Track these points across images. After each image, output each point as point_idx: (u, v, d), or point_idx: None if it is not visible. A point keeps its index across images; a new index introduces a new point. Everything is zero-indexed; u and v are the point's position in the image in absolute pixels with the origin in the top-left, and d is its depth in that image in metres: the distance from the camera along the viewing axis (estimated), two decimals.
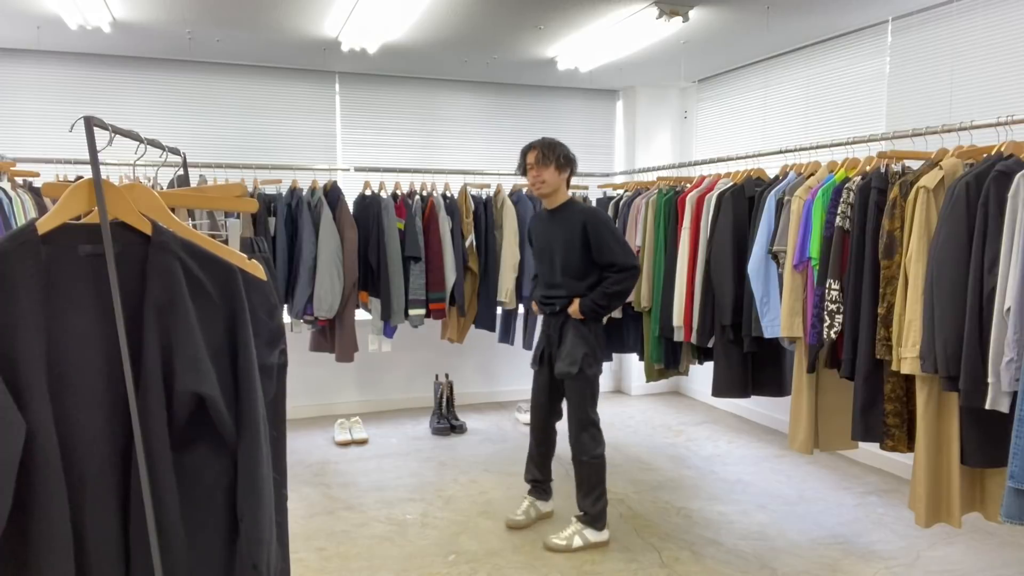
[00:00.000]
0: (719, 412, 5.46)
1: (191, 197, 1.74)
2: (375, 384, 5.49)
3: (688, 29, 4.23)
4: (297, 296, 4.33)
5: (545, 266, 3.23)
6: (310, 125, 5.26)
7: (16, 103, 4.63)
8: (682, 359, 4.01)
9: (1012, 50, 3.44)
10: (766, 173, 3.65)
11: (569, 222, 3.13)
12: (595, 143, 6.00)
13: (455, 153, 5.59)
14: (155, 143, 2.79)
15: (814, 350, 2.97)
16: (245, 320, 1.28)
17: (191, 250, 1.26)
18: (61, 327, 1.19)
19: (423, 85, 5.48)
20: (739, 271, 3.44)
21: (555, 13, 3.93)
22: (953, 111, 3.69)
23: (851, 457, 4.32)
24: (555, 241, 3.16)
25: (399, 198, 4.64)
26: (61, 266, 1.20)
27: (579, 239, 3.11)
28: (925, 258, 2.47)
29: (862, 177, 2.83)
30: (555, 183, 3.13)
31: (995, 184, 2.29)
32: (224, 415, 1.25)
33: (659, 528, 3.36)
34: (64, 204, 1.22)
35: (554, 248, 3.16)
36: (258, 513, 1.27)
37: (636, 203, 4.30)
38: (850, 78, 4.33)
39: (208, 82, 5.00)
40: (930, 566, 2.99)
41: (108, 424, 1.21)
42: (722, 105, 5.45)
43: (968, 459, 2.46)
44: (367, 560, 3.05)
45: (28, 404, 1.13)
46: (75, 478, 1.19)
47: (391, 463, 4.29)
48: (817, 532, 3.32)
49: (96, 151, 1.23)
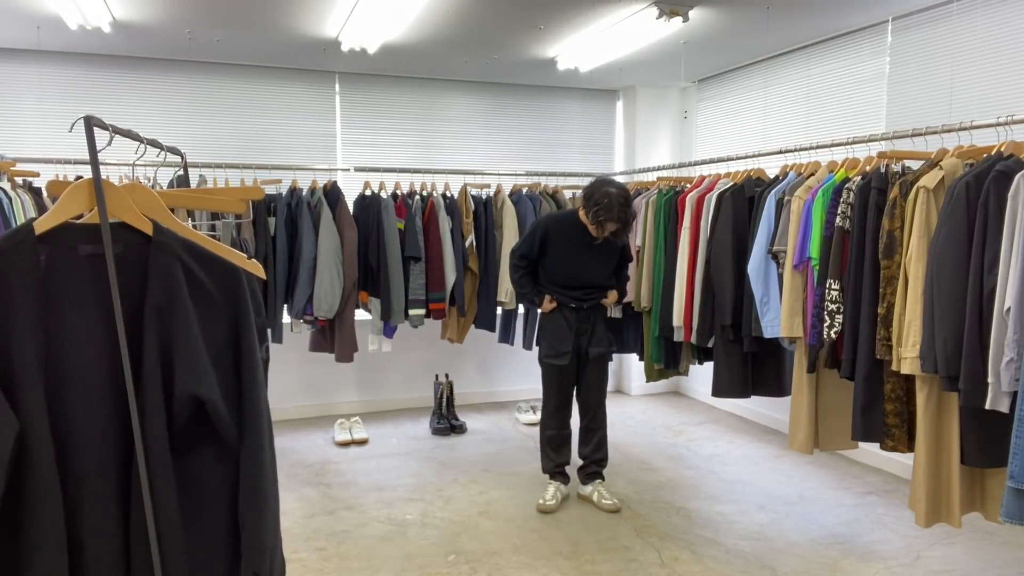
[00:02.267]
0: (719, 412, 5.46)
1: (191, 197, 1.74)
2: (375, 384, 5.49)
3: (688, 29, 4.23)
4: (297, 296, 4.33)
5: (578, 271, 3.50)
6: (310, 125, 5.25)
7: (16, 103, 4.63)
8: (682, 359, 4.01)
9: (1012, 50, 3.44)
10: (766, 173, 3.65)
11: (608, 250, 3.54)
12: (595, 143, 6.00)
13: (455, 153, 5.58)
14: (155, 143, 2.80)
15: (814, 350, 2.97)
16: (249, 322, 1.27)
17: (192, 251, 1.26)
18: (61, 327, 1.19)
19: (423, 85, 5.48)
20: (739, 271, 3.44)
21: (555, 13, 3.93)
22: (953, 111, 3.69)
23: (851, 457, 4.32)
24: (595, 257, 3.51)
25: (399, 198, 4.64)
26: (61, 266, 1.20)
27: (616, 255, 3.61)
28: (925, 258, 2.47)
29: (862, 177, 2.83)
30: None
31: (995, 184, 2.29)
32: (225, 418, 1.23)
33: (659, 528, 3.36)
34: (64, 204, 1.22)
35: (593, 262, 3.51)
36: (261, 520, 1.25)
37: (636, 203, 4.30)
38: (850, 78, 4.33)
39: (208, 82, 5.00)
40: (930, 566, 2.98)
41: (107, 425, 1.21)
42: (722, 105, 5.45)
43: (968, 459, 2.46)
44: (367, 560, 3.05)
45: (21, 403, 1.13)
46: (73, 479, 1.18)
47: (391, 463, 4.29)
48: (817, 532, 3.32)
49: (96, 151, 1.23)
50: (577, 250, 3.48)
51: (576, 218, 3.48)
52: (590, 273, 3.51)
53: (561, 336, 3.52)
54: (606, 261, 3.55)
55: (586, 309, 3.53)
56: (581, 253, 3.48)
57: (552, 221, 3.55)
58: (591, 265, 3.51)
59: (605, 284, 3.60)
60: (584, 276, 3.50)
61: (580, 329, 3.53)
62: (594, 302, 3.54)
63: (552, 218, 3.59)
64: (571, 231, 3.47)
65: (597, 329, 3.57)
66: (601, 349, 3.56)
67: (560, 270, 3.51)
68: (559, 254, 3.49)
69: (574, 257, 3.49)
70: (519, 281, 3.59)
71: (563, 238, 3.48)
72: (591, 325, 3.55)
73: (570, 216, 3.51)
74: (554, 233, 3.50)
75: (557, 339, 3.53)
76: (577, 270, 3.50)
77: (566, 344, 3.51)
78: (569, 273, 3.50)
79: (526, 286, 3.59)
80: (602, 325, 3.60)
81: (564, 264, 3.50)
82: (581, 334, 3.53)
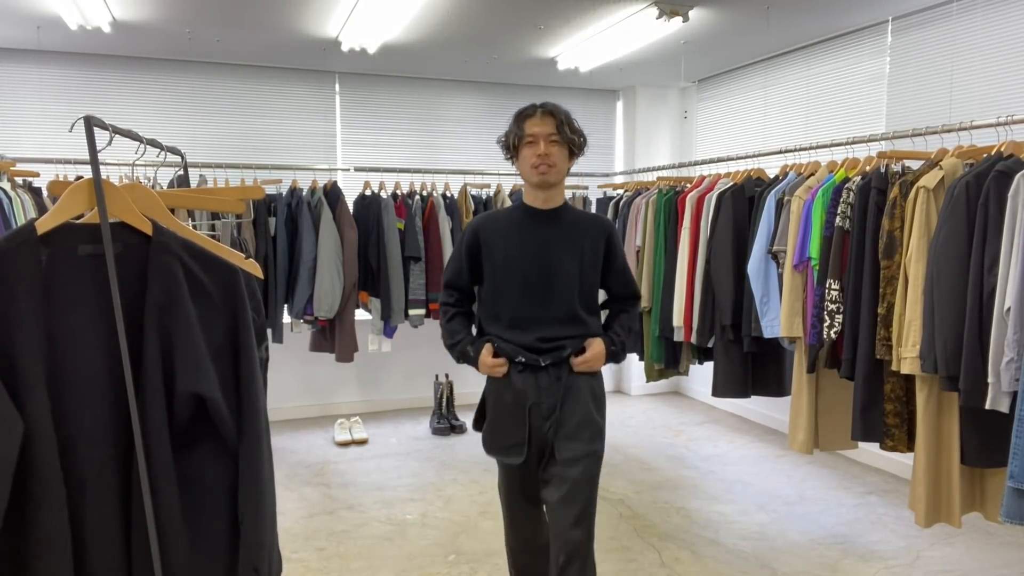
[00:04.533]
0: (719, 412, 5.46)
1: (191, 197, 1.74)
2: (375, 384, 5.49)
3: (688, 29, 4.23)
4: (297, 296, 4.34)
5: (535, 293, 2.17)
6: (310, 125, 5.25)
7: (16, 103, 4.63)
8: (682, 359, 4.01)
9: (1012, 50, 3.44)
10: (766, 173, 3.65)
11: (581, 232, 2.21)
12: (595, 143, 5.99)
13: (455, 153, 5.58)
14: (154, 143, 2.80)
15: (814, 350, 2.97)
16: (247, 321, 1.28)
17: (192, 250, 1.26)
18: (61, 327, 1.19)
19: (423, 85, 5.48)
20: (739, 271, 3.44)
21: (555, 13, 3.93)
22: (953, 111, 3.69)
23: (851, 457, 4.32)
24: (560, 258, 2.17)
25: (399, 198, 4.65)
26: (61, 266, 1.20)
27: (600, 256, 2.24)
28: (925, 258, 2.47)
29: (862, 177, 2.83)
30: (564, 170, 2.19)
31: (995, 184, 2.29)
32: (225, 416, 1.25)
33: (659, 528, 3.36)
34: (64, 204, 1.22)
35: (558, 267, 2.17)
36: (259, 515, 1.27)
37: (636, 203, 4.30)
38: (850, 78, 4.33)
39: (208, 82, 5.00)
40: (930, 566, 2.98)
41: (108, 424, 1.21)
42: (722, 105, 5.45)
43: (968, 459, 2.46)
44: (367, 560, 3.05)
45: (26, 403, 1.13)
46: (75, 478, 1.18)
47: (391, 463, 4.29)
48: (817, 532, 3.32)
49: (96, 151, 1.23)
50: (534, 252, 2.18)
51: (520, 206, 2.25)
52: (563, 282, 2.17)
53: (505, 417, 2.18)
54: (584, 261, 2.20)
55: (545, 368, 2.14)
56: (536, 246, 2.18)
57: (484, 218, 2.27)
58: (561, 266, 2.17)
59: (579, 316, 2.19)
60: (557, 289, 2.17)
61: (538, 405, 2.14)
62: (559, 353, 2.15)
63: (484, 215, 2.29)
64: (513, 226, 2.21)
65: (577, 401, 2.15)
66: (578, 447, 2.12)
67: (504, 291, 2.19)
68: (499, 262, 2.19)
69: (529, 261, 2.17)
70: (447, 327, 2.28)
71: (502, 236, 2.20)
72: (558, 398, 2.14)
73: (511, 209, 2.28)
74: (489, 233, 2.22)
75: (500, 420, 2.19)
76: (532, 280, 2.16)
77: (514, 431, 2.16)
78: (516, 294, 2.17)
79: (457, 333, 2.26)
80: (588, 397, 2.17)
81: (508, 277, 2.18)
82: (542, 415, 2.15)
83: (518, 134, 2.15)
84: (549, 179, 2.14)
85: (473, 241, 2.24)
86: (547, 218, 2.21)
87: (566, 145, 2.15)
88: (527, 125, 2.13)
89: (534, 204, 2.22)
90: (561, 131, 2.12)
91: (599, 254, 2.24)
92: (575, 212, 2.27)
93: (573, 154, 2.19)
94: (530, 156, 2.13)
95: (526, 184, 2.22)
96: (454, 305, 2.31)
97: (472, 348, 2.22)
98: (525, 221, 2.22)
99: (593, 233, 2.23)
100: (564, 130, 2.13)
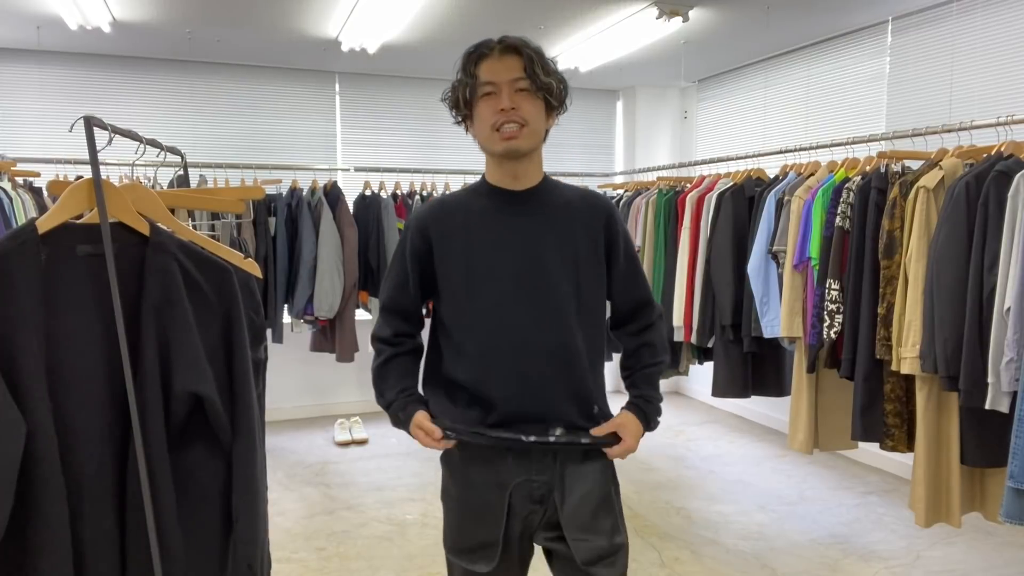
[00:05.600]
0: (719, 412, 5.45)
1: (191, 197, 1.74)
2: None
3: (688, 29, 4.23)
4: (297, 296, 4.34)
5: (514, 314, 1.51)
6: (310, 125, 5.25)
7: (16, 103, 4.63)
8: (682, 359, 4.01)
9: (1012, 50, 3.44)
10: (766, 173, 3.65)
11: (570, 218, 1.55)
12: (595, 143, 5.99)
13: (455, 153, 5.58)
14: (154, 143, 2.80)
15: (814, 350, 2.97)
16: (240, 321, 1.29)
17: (188, 251, 1.27)
18: (60, 327, 1.19)
19: (423, 85, 5.48)
20: (739, 271, 3.44)
21: (555, 13, 3.93)
22: (953, 111, 3.69)
23: (851, 457, 4.32)
24: (546, 260, 1.52)
25: (399, 198, 4.65)
26: (60, 266, 1.20)
27: (601, 248, 1.58)
28: (925, 258, 2.47)
29: (862, 177, 2.83)
30: (540, 130, 1.54)
31: (995, 184, 2.29)
32: (221, 415, 1.25)
33: (659, 528, 3.36)
34: (63, 204, 1.22)
35: (543, 275, 1.51)
36: (253, 513, 1.28)
37: (636, 203, 4.30)
38: (850, 78, 4.33)
39: (208, 82, 5.00)
40: (930, 566, 2.98)
41: (106, 424, 1.22)
42: (722, 105, 5.45)
43: (968, 459, 2.46)
44: (367, 560, 3.05)
45: (27, 403, 1.13)
46: (73, 478, 1.19)
47: (391, 463, 4.29)
48: (817, 532, 3.32)
49: (96, 151, 1.23)
50: (497, 246, 1.52)
51: (483, 187, 1.59)
52: (536, 304, 1.50)
53: (473, 502, 1.57)
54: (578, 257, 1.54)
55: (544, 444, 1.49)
56: (508, 248, 1.52)
57: (432, 208, 1.59)
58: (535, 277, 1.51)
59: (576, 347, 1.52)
60: (522, 318, 1.50)
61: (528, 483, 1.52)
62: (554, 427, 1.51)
63: (432, 203, 1.61)
64: (475, 217, 1.55)
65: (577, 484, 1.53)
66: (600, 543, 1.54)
67: (471, 312, 1.52)
68: (459, 269, 1.53)
69: (491, 266, 1.52)
70: (377, 371, 1.61)
71: (461, 232, 1.54)
72: (556, 473, 1.53)
73: (470, 192, 1.61)
74: (444, 228, 1.55)
75: (466, 507, 1.59)
76: (502, 303, 1.51)
77: (484, 525, 1.55)
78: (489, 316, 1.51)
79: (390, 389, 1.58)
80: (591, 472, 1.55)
81: (474, 293, 1.52)
82: (531, 498, 1.53)
83: (469, 83, 1.49)
84: (519, 145, 1.48)
85: (420, 242, 1.55)
86: (522, 202, 1.54)
87: (540, 94, 1.49)
88: (482, 70, 1.48)
89: (501, 184, 1.55)
90: (532, 74, 1.46)
91: (599, 247, 1.56)
92: (560, 189, 1.60)
93: (551, 107, 1.53)
94: (489, 114, 1.47)
95: (488, 156, 1.56)
96: (390, 342, 1.59)
97: (402, 412, 1.54)
98: (492, 209, 1.54)
99: (587, 218, 1.56)
100: (536, 72, 1.47)
